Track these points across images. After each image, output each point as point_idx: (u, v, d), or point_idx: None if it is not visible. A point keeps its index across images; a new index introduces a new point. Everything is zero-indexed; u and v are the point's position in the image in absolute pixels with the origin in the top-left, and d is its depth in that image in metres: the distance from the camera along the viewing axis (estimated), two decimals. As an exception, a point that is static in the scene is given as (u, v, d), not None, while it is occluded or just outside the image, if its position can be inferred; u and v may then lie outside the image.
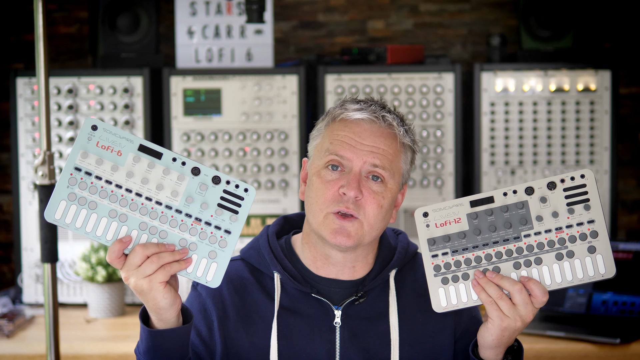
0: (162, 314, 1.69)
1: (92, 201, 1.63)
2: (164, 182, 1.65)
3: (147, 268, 1.63)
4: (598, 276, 1.70)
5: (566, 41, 3.52)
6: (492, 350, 1.77)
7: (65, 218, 1.63)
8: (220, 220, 1.67)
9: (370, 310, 1.90)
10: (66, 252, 3.39)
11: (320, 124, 1.93)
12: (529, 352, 2.87)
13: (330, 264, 1.90)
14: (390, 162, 1.85)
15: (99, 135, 1.63)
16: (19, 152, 3.42)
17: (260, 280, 1.92)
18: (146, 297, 1.66)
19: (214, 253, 1.67)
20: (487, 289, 1.71)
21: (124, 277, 1.65)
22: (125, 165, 1.64)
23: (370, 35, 3.92)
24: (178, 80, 3.43)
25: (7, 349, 2.97)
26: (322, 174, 1.85)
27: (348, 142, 1.84)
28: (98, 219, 1.64)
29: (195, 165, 1.65)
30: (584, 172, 1.69)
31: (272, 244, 1.94)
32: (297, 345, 1.87)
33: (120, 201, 1.64)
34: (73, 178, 1.63)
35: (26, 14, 3.85)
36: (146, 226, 1.65)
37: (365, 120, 1.86)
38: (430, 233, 1.74)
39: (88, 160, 1.63)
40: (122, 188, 1.64)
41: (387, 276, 1.92)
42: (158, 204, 1.65)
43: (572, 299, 3.12)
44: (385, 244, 1.95)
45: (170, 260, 1.64)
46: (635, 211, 3.93)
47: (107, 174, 1.64)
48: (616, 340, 2.89)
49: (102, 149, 1.63)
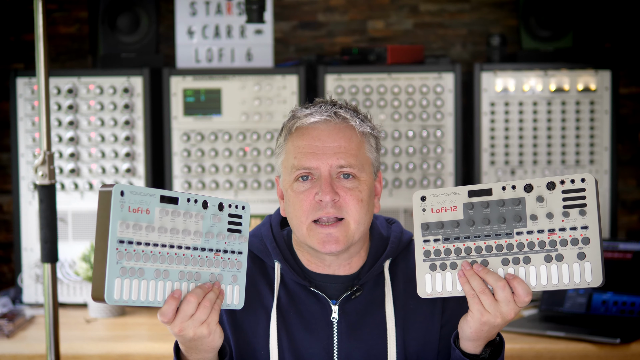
0: (213, 352, 1.74)
1: (140, 268, 1.62)
2: (188, 226, 1.68)
3: (202, 314, 1.66)
4: (584, 284, 1.67)
5: (566, 41, 3.52)
6: (471, 342, 1.78)
7: (123, 295, 1.61)
8: (232, 244, 1.73)
9: (366, 302, 1.91)
10: (66, 252, 3.39)
11: (279, 139, 1.95)
12: (529, 352, 2.87)
13: (325, 265, 1.93)
14: (355, 157, 1.86)
15: (128, 199, 1.61)
16: (19, 152, 3.42)
17: (263, 270, 1.95)
18: (204, 341, 1.69)
19: (235, 277, 1.74)
20: (471, 282, 1.71)
21: (177, 330, 1.66)
22: (155, 222, 1.65)
23: (370, 35, 3.92)
24: (178, 80, 3.43)
25: (7, 349, 2.97)
26: (295, 187, 1.87)
27: (310, 151, 1.86)
28: (148, 284, 1.64)
29: (203, 199, 1.70)
30: (586, 176, 1.67)
31: (276, 233, 1.96)
32: (295, 340, 1.89)
33: (160, 259, 1.65)
34: (119, 252, 1.60)
35: (26, 14, 3.85)
36: (184, 275, 1.68)
37: (319, 122, 1.88)
38: (424, 217, 1.74)
39: (128, 229, 1.62)
40: (158, 245, 1.65)
41: (382, 267, 1.94)
42: (187, 249, 1.68)
43: (572, 299, 3.12)
44: (377, 234, 1.97)
45: (215, 298, 1.68)
46: (635, 211, 3.93)
47: (144, 237, 1.64)
48: (616, 340, 2.89)
49: (134, 213, 1.62)
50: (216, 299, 1.68)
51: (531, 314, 3.17)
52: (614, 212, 3.47)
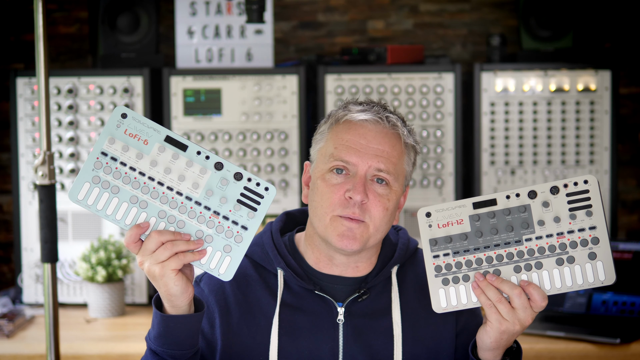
0: (174, 301, 1.70)
1: (115, 185, 1.66)
2: (186, 174, 1.67)
3: (161, 254, 1.65)
4: (597, 283, 1.70)
5: (566, 41, 3.52)
6: (490, 352, 1.78)
7: (87, 199, 1.66)
8: (238, 215, 1.69)
9: (373, 307, 1.90)
10: (66, 252, 3.39)
11: (323, 126, 1.93)
12: (529, 352, 2.87)
13: (333, 264, 1.91)
14: (394, 165, 1.85)
15: (127, 123, 1.67)
16: (19, 152, 3.42)
17: (264, 277, 1.93)
18: (158, 282, 1.68)
19: (229, 247, 1.69)
20: (486, 292, 1.71)
21: (138, 261, 1.68)
22: (150, 154, 1.67)
23: (370, 35, 3.92)
24: (178, 80, 3.43)
25: (7, 349, 2.97)
26: (327, 178, 1.85)
27: (353, 146, 1.84)
28: (119, 203, 1.67)
29: (219, 160, 1.68)
30: (588, 177, 1.69)
31: (276, 240, 1.95)
32: (300, 343, 1.87)
33: (142, 188, 1.67)
34: (99, 162, 1.66)
35: (26, 14, 3.85)
36: (165, 214, 1.67)
37: (369, 121, 1.86)
38: (432, 233, 1.75)
39: (115, 146, 1.66)
40: (145, 176, 1.67)
41: (389, 273, 1.93)
42: (179, 194, 1.68)
43: (572, 299, 3.12)
44: (387, 241, 1.96)
45: (184, 249, 1.66)
46: (635, 211, 3.93)
47: (131, 161, 1.67)
48: (616, 340, 2.89)
49: (130, 137, 1.67)
50: (185, 250, 1.66)
51: (531, 314, 3.17)
52: (614, 212, 3.47)
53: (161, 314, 1.73)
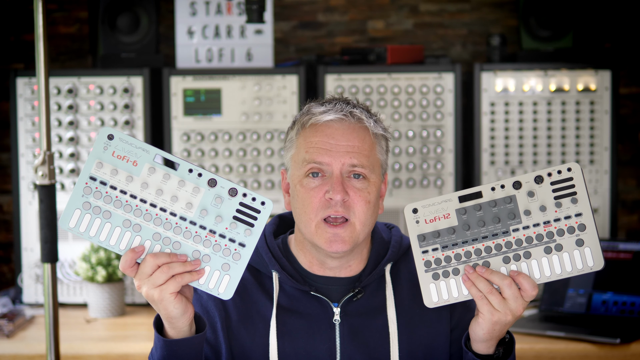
0: (174, 323, 1.70)
1: (107, 211, 1.63)
2: (179, 194, 1.65)
3: (158, 278, 1.63)
4: (587, 269, 1.71)
5: (566, 41, 3.52)
6: (483, 343, 1.79)
7: (79, 227, 1.64)
8: (234, 233, 1.66)
9: (368, 306, 1.91)
10: (66, 252, 3.39)
11: (290, 133, 1.94)
12: (529, 352, 2.87)
13: (326, 268, 1.93)
14: (367, 158, 1.86)
15: (115, 144, 1.63)
16: (19, 152, 3.42)
17: (259, 280, 1.94)
18: (158, 306, 1.67)
19: (227, 265, 1.67)
20: (477, 284, 1.72)
21: (136, 285, 1.66)
22: (141, 176, 1.64)
23: (370, 35, 3.92)
24: (178, 80, 3.43)
25: (7, 349, 2.97)
26: (305, 183, 1.86)
27: (323, 147, 1.85)
28: (112, 228, 1.64)
29: (212, 177, 1.66)
30: (571, 165, 1.70)
31: (270, 243, 1.95)
32: (297, 344, 1.88)
33: (134, 211, 1.64)
34: (88, 187, 1.63)
35: (26, 14, 3.85)
36: (160, 237, 1.65)
37: (334, 120, 1.87)
38: (420, 229, 1.75)
39: (103, 170, 1.63)
40: (137, 198, 1.64)
41: (383, 271, 1.94)
42: (172, 215, 1.65)
43: (572, 299, 3.12)
44: (378, 238, 1.97)
45: (181, 270, 1.64)
46: (635, 211, 3.93)
47: (122, 184, 1.63)
48: (616, 340, 2.89)
49: (118, 159, 1.63)
50: (182, 272, 1.64)
51: (531, 314, 3.17)
52: (614, 212, 3.47)
53: (164, 339, 1.72)
